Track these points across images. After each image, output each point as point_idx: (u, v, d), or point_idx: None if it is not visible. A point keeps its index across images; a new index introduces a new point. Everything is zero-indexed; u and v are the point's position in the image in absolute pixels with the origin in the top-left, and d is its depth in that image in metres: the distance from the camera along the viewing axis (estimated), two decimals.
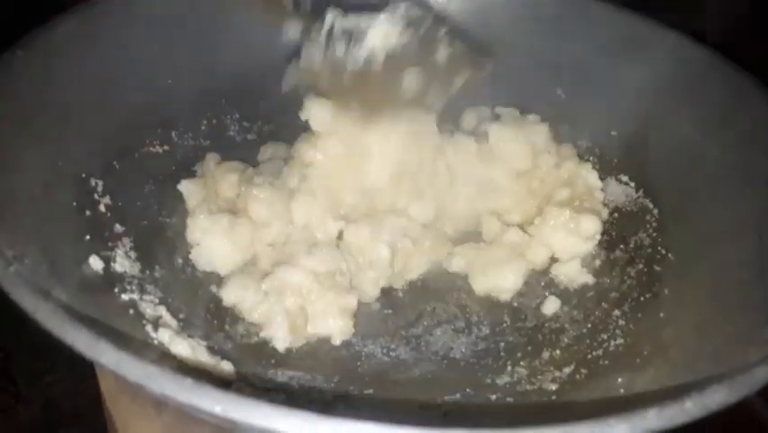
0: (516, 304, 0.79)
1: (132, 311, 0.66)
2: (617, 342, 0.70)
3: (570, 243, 0.81)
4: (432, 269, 0.82)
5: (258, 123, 0.95)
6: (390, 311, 0.77)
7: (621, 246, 0.82)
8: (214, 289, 0.76)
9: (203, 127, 0.91)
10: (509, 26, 0.94)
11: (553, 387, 0.67)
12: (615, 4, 0.89)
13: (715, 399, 0.44)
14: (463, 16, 0.96)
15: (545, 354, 0.72)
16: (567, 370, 0.69)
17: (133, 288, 0.69)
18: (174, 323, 0.68)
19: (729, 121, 0.76)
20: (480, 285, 0.79)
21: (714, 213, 0.73)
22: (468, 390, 0.68)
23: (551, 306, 0.77)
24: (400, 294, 0.79)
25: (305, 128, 0.96)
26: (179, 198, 0.82)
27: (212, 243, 0.77)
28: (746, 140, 0.73)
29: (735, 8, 0.97)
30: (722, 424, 0.53)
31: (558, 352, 0.72)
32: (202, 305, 0.74)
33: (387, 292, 0.79)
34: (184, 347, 0.64)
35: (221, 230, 0.77)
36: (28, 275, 0.51)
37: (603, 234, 0.84)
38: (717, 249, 0.70)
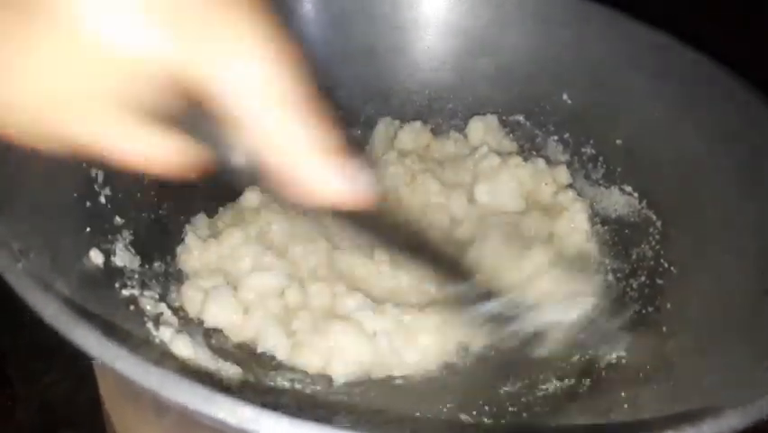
0: None
1: (132, 307, 0.65)
2: (620, 354, 0.70)
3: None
4: None
5: None
6: None
7: (623, 258, 0.82)
8: None
9: None
10: (514, 30, 0.94)
11: (556, 398, 0.67)
12: (622, 12, 0.88)
13: (729, 423, 0.44)
14: (466, 19, 0.95)
15: (547, 365, 0.71)
16: (569, 381, 0.69)
17: (134, 283, 0.68)
18: (175, 321, 0.67)
19: (734, 133, 0.76)
20: None
21: (718, 225, 0.73)
22: (468, 400, 0.67)
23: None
24: None
25: None
26: (179, 189, 0.80)
27: None
28: (752, 153, 0.73)
29: None
30: None
31: (560, 362, 0.71)
32: None
33: None
34: (185, 346, 0.63)
35: None
36: (34, 270, 0.50)
37: (604, 243, 0.84)
38: (720, 262, 0.70)
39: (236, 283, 0.72)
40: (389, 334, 0.70)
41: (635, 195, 0.86)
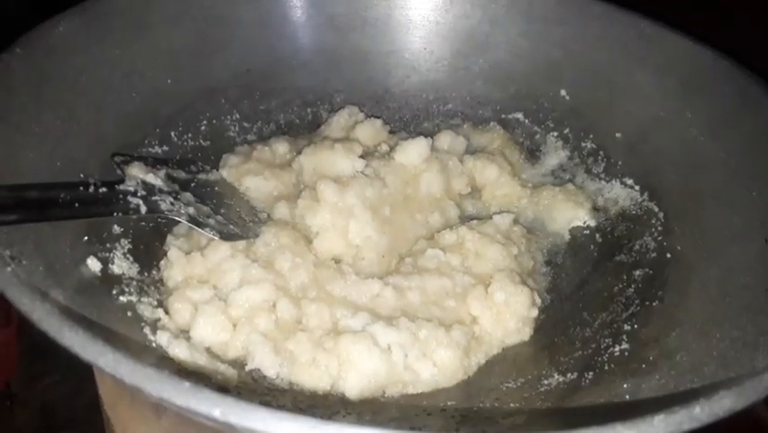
0: None
1: (130, 313, 0.65)
2: (623, 347, 0.69)
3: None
4: None
5: (258, 123, 0.95)
6: None
7: (626, 250, 0.81)
8: None
9: (202, 127, 0.90)
10: (508, 29, 0.94)
11: (558, 392, 0.66)
12: (620, 6, 0.88)
13: (723, 405, 0.43)
14: (466, 17, 0.95)
15: (550, 359, 0.71)
16: (571, 375, 0.68)
17: (132, 290, 0.68)
18: (172, 325, 0.67)
19: (735, 123, 0.75)
20: None
21: (720, 216, 0.73)
22: (473, 395, 0.67)
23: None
24: None
25: (304, 129, 0.96)
26: None
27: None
28: (752, 142, 0.73)
29: None
30: (725, 429, 0.52)
31: (562, 357, 0.71)
32: None
33: None
34: (182, 350, 0.63)
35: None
36: (26, 276, 0.51)
37: (608, 235, 0.84)
38: (723, 253, 0.70)
39: (224, 298, 0.70)
40: (404, 347, 0.68)
41: (637, 188, 0.85)
